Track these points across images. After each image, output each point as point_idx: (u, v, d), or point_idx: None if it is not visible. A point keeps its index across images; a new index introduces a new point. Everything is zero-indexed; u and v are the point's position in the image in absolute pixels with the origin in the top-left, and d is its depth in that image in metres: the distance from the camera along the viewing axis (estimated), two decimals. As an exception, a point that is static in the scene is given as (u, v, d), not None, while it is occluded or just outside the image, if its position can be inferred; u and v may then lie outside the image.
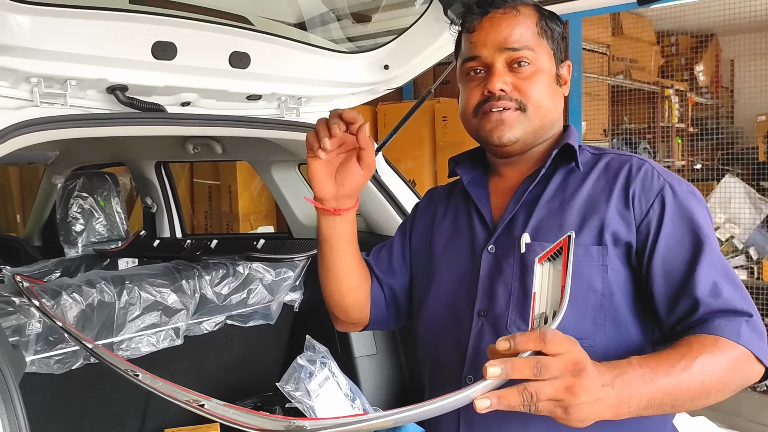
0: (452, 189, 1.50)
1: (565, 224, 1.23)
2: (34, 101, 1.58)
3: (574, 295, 1.07)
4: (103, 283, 2.09)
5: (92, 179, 3.10)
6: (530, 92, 1.27)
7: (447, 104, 4.81)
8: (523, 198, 1.30)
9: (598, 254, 1.20)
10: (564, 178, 1.32)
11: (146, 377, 1.46)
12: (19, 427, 1.17)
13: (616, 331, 1.19)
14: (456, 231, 1.40)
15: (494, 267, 1.28)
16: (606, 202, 1.24)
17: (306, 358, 2.35)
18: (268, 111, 2.17)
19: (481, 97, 1.29)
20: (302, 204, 2.82)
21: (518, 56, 1.27)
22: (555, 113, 1.34)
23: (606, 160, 1.31)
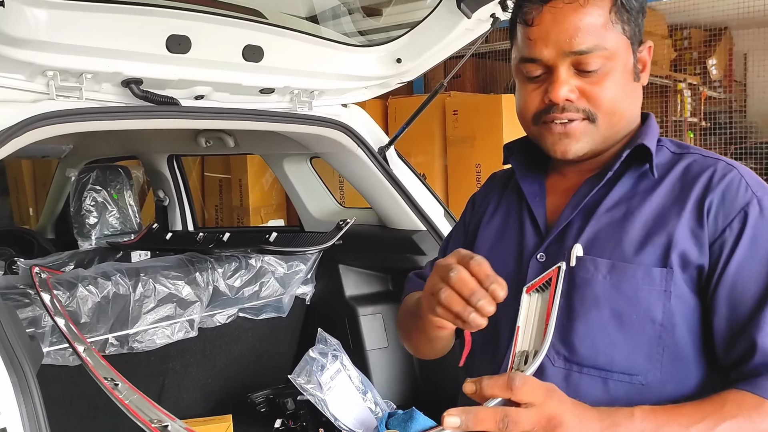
0: (509, 179, 1.29)
1: (626, 239, 1.03)
2: (50, 94, 1.59)
3: (629, 323, 0.98)
4: (119, 276, 2.11)
5: (105, 172, 3.13)
6: (601, 100, 1.05)
7: (458, 98, 4.80)
8: (582, 203, 1.10)
9: (662, 278, 1.00)
10: (634, 182, 1.10)
11: (125, 387, 1.46)
12: (36, 417, 1.18)
13: (675, 368, 1.01)
14: (504, 232, 1.21)
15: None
16: (678, 216, 1.02)
17: (318, 351, 2.37)
18: (280, 104, 2.18)
19: (541, 105, 1.08)
20: (314, 197, 2.83)
21: (587, 60, 1.03)
22: (631, 114, 1.12)
23: (686, 162, 1.09)
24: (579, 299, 1.03)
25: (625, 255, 1.02)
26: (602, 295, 1.01)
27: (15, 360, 1.22)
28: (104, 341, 2.11)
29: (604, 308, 1.01)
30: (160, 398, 2.35)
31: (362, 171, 2.40)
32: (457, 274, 0.91)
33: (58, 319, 1.73)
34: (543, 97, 1.08)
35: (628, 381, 1.00)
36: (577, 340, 1.01)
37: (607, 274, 1.02)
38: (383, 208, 2.48)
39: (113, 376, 1.51)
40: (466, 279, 0.90)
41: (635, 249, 1.02)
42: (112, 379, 1.49)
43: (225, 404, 2.51)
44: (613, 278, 1.01)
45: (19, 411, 1.18)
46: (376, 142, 2.42)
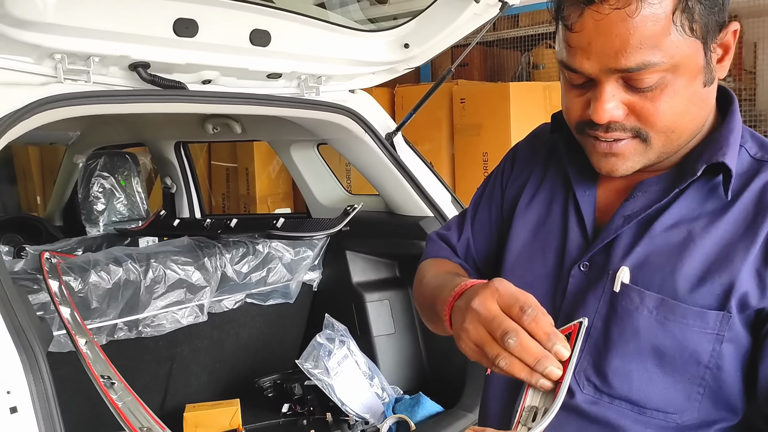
0: (555, 150, 1.09)
1: (681, 272, 0.88)
2: (58, 77, 1.59)
3: (670, 362, 0.89)
4: (130, 262, 2.12)
5: (113, 159, 3.14)
6: (656, 119, 0.87)
7: (465, 86, 4.77)
8: (637, 218, 0.94)
9: (716, 321, 0.87)
10: (701, 199, 0.92)
11: (121, 387, 1.43)
12: (46, 396, 1.19)
13: (713, 410, 0.91)
14: (545, 224, 1.05)
15: (582, 290, 0.97)
16: (745, 252, 0.86)
17: (325, 337, 2.37)
18: (288, 90, 2.17)
19: (584, 116, 0.91)
20: (321, 184, 2.83)
21: (639, 77, 0.84)
22: (697, 124, 0.92)
23: (766, 178, 0.90)
24: (618, 330, 0.91)
25: (678, 291, 0.88)
26: (645, 330, 0.90)
27: (25, 340, 1.23)
28: (113, 326, 2.12)
29: (645, 344, 0.90)
30: (168, 383, 2.37)
31: (369, 157, 2.40)
32: (516, 342, 0.78)
33: (63, 308, 1.72)
34: (586, 110, 0.90)
35: (663, 419, 0.90)
36: (611, 371, 0.91)
37: (653, 309, 0.89)
38: (390, 194, 2.48)
39: (110, 374, 1.49)
40: (527, 346, 0.78)
41: (691, 286, 0.88)
42: (109, 378, 1.46)
43: (233, 389, 2.52)
44: (660, 315, 0.89)
45: (29, 390, 1.19)
46: (384, 128, 2.41)
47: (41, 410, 1.19)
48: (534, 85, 4.75)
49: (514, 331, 0.78)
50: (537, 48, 5.60)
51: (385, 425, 2.23)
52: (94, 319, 2.03)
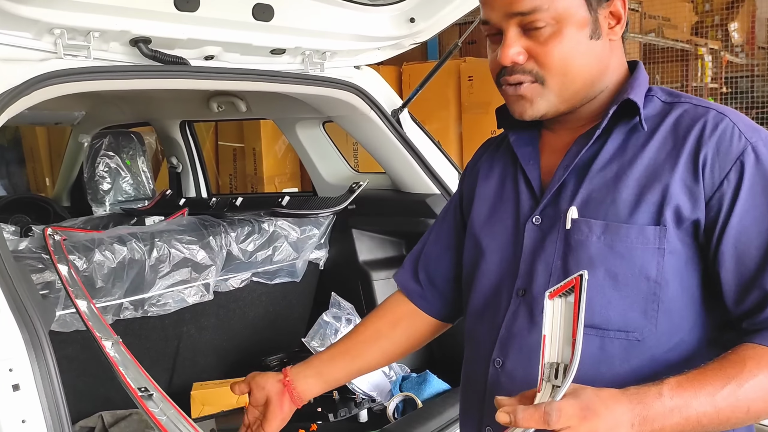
0: (503, 140, 1.26)
1: (619, 199, 1.02)
2: (58, 53, 1.57)
3: (624, 282, 0.99)
4: (134, 241, 2.11)
5: (118, 138, 3.12)
6: (548, 60, 1.03)
7: (473, 64, 4.72)
8: (573, 162, 1.07)
9: (655, 236, 0.99)
10: (624, 138, 1.07)
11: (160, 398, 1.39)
12: (49, 374, 1.19)
13: (669, 323, 1.02)
14: (501, 196, 1.19)
15: (538, 241, 1.09)
16: (671, 171, 1.00)
17: (332, 315, 2.37)
18: (292, 66, 2.14)
19: (497, 67, 1.07)
20: (327, 162, 2.80)
21: (530, 20, 1.01)
22: (592, 72, 1.07)
23: (677, 113, 1.05)
24: (574, 261, 1.03)
25: (619, 215, 1.01)
26: (597, 256, 1.02)
27: (27, 317, 1.22)
28: (119, 306, 2.12)
29: (599, 268, 1.01)
30: (176, 361, 2.37)
31: (375, 134, 2.37)
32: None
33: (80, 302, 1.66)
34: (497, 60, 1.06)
35: (625, 338, 1.02)
36: None
37: (601, 234, 1.02)
38: (397, 172, 2.45)
39: (147, 384, 1.43)
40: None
41: (629, 209, 1.01)
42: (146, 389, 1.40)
43: (240, 368, 2.52)
44: (607, 239, 1.01)
45: (32, 368, 1.18)
46: (390, 105, 2.38)
47: (44, 388, 1.19)
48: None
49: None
50: (546, 24, 5.52)
51: (392, 403, 2.23)
52: (99, 299, 2.03)
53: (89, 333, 1.56)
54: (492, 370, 1.12)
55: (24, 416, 1.17)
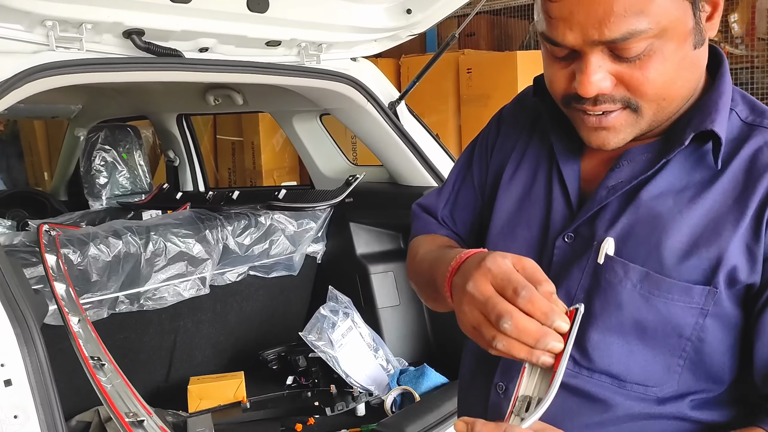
0: (539, 117, 1.04)
1: (666, 244, 0.85)
2: (50, 45, 1.55)
3: (652, 335, 0.86)
4: (129, 235, 2.10)
5: (114, 132, 3.11)
6: (645, 88, 0.82)
7: (471, 56, 4.69)
8: (623, 188, 0.89)
9: (701, 296, 0.83)
10: (689, 167, 0.87)
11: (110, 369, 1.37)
12: (41, 368, 1.18)
13: (692, 379, 0.89)
14: (529, 195, 1.01)
15: (566, 262, 0.93)
16: (734, 225, 0.83)
17: (329, 309, 2.36)
18: (287, 58, 2.12)
19: (569, 89, 0.86)
20: (324, 155, 2.79)
21: (625, 47, 0.79)
22: (689, 89, 0.87)
23: (757, 143, 0.86)
24: (600, 303, 0.88)
25: (663, 265, 0.85)
26: (628, 303, 0.87)
27: (19, 312, 1.21)
28: (115, 299, 2.11)
29: (628, 317, 0.87)
30: (172, 356, 2.36)
31: (372, 127, 2.35)
32: (512, 325, 0.74)
33: (58, 284, 1.67)
34: (571, 83, 0.85)
35: (643, 392, 0.88)
36: (591, 345, 0.89)
37: (637, 282, 0.86)
38: (394, 165, 2.44)
39: (101, 355, 1.43)
40: (524, 327, 0.74)
41: (677, 260, 0.84)
42: (99, 359, 1.40)
43: (237, 361, 2.52)
44: (644, 289, 0.85)
45: (23, 362, 1.17)
46: (387, 97, 2.37)
47: (36, 383, 1.18)
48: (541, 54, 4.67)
49: (508, 313, 0.75)
50: (545, 16, 5.49)
51: (390, 397, 2.22)
52: (95, 293, 2.02)
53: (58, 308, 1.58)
54: (494, 395, 0.98)
55: (16, 411, 1.16)
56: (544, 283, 0.77)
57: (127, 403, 1.29)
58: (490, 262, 0.78)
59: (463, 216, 1.13)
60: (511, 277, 0.76)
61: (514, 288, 0.75)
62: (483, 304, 0.76)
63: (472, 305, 0.78)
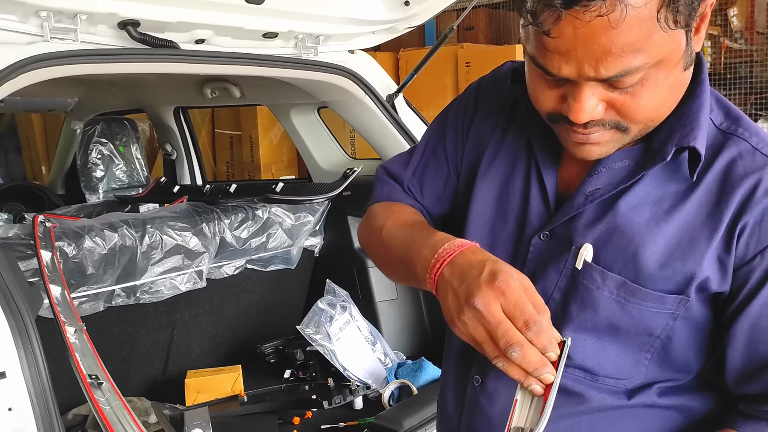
0: (514, 109, 1.03)
1: (642, 256, 0.87)
2: (45, 36, 1.54)
3: (624, 334, 0.90)
4: (125, 228, 2.09)
5: (111, 125, 3.10)
6: (637, 113, 0.82)
7: (470, 50, 4.68)
8: (599, 196, 0.90)
9: (674, 303, 0.87)
10: (665, 177, 0.89)
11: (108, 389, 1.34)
12: (36, 361, 1.17)
13: (657, 371, 0.93)
14: (506, 189, 1.00)
15: (542, 261, 0.95)
16: (707, 240, 0.85)
17: (326, 302, 2.35)
18: (285, 50, 2.11)
19: (557, 108, 0.85)
20: (322, 148, 2.78)
21: (620, 82, 0.79)
22: (673, 106, 0.88)
23: (731, 154, 0.87)
24: (577, 306, 0.91)
25: (639, 275, 0.87)
26: (604, 308, 0.89)
27: (13, 304, 1.20)
28: (111, 292, 2.10)
29: (603, 320, 0.90)
30: (170, 349, 2.36)
31: (370, 119, 2.34)
32: (521, 355, 0.77)
33: (53, 287, 1.62)
34: (561, 105, 0.84)
35: (614, 385, 0.93)
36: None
37: (614, 290, 0.88)
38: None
39: (99, 373, 1.39)
40: (529, 357, 0.77)
41: (652, 271, 0.86)
42: (97, 377, 1.37)
43: (234, 355, 2.51)
44: (620, 296, 0.88)
45: (18, 355, 1.16)
46: (385, 90, 2.36)
47: (30, 376, 1.17)
48: (541, 48, 4.65)
49: (519, 345, 0.77)
50: (544, 10, 5.48)
51: (388, 390, 2.22)
52: (90, 285, 2.01)
53: (55, 318, 1.54)
54: (470, 390, 0.99)
55: (10, 404, 1.16)
56: (543, 311, 0.79)
57: (125, 426, 1.25)
58: (504, 283, 0.78)
59: (430, 187, 1.10)
60: (523, 309, 0.78)
61: (525, 321, 0.77)
62: (493, 327, 0.77)
63: (477, 321, 0.79)
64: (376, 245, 1.07)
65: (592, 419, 0.93)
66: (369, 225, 1.10)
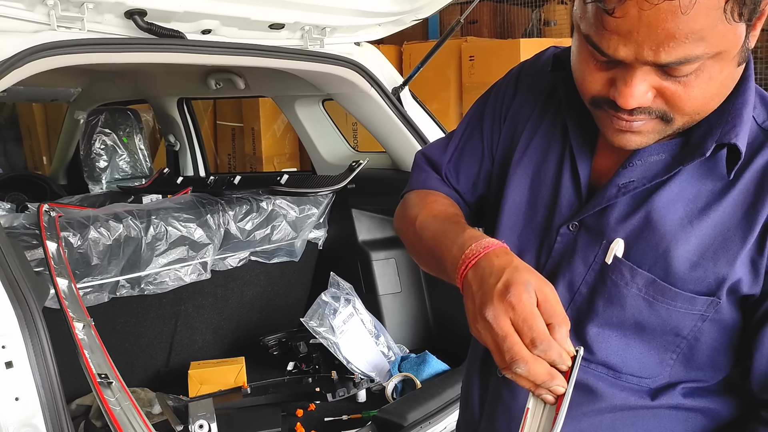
0: (555, 90, 1.00)
1: (674, 254, 0.85)
2: (51, 25, 1.53)
3: (650, 333, 0.89)
4: (130, 219, 2.08)
5: (114, 115, 3.09)
6: (686, 104, 0.80)
7: (474, 43, 4.66)
8: (633, 188, 0.88)
9: (704, 305, 0.85)
10: (701, 174, 0.86)
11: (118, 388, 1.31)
12: (42, 350, 1.17)
13: (682, 371, 0.91)
14: (539, 175, 0.99)
15: (569, 252, 0.93)
16: (742, 241, 0.83)
17: (330, 295, 2.35)
18: (291, 41, 2.10)
19: (604, 93, 0.83)
20: (326, 141, 2.77)
21: (677, 70, 0.77)
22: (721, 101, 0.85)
23: None
24: (603, 302, 0.89)
25: (669, 273, 0.85)
26: (630, 305, 0.88)
27: (20, 294, 1.19)
28: (116, 283, 2.10)
29: (629, 317, 0.89)
30: (173, 340, 2.35)
31: (375, 112, 2.33)
32: (526, 370, 0.77)
33: (60, 280, 1.61)
34: (608, 89, 0.82)
35: (636, 383, 0.91)
36: (590, 337, 0.91)
37: (643, 287, 0.86)
38: (397, 151, 2.42)
39: (108, 371, 1.36)
40: (534, 372, 0.77)
41: (684, 270, 0.85)
42: (106, 376, 1.34)
43: (238, 347, 2.51)
44: (649, 294, 0.86)
45: (25, 345, 1.16)
46: (390, 83, 2.35)
47: (37, 365, 1.17)
48: (545, 42, 4.64)
49: (523, 360, 0.76)
50: (548, 4, 5.46)
51: (391, 383, 2.22)
52: (95, 276, 2.01)
53: (63, 314, 1.52)
54: (493, 382, 1.00)
55: (17, 393, 1.15)
56: (562, 323, 0.78)
57: (135, 428, 1.24)
58: (515, 297, 0.77)
59: (466, 172, 1.10)
60: (532, 325, 0.76)
61: (532, 339, 0.76)
62: (501, 339, 0.77)
63: (488, 332, 0.79)
64: (410, 235, 1.06)
65: (614, 418, 0.92)
66: (404, 214, 1.10)
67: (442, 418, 1.99)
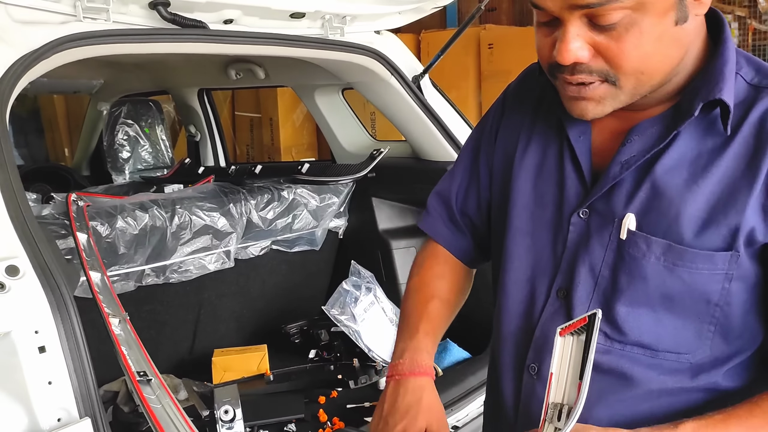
0: (544, 92, 1.03)
1: (685, 215, 0.86)
2: (77, 16, 1.55)
3: (680, 304, 0.88)
4: (155, 208, 2.11)
5: (137, 106, 3.11)
6: (623, 60, 0.82)
7: (493, 31, 4.63)
8: (635, 162, 0.90)
9: (725, 262, 0.85)
10: (699, 136, 0.88)
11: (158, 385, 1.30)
12: (74, 335, 1.19)
13: (723, 344, 0.90)
14: (542, 172, 1.01)
15: (583, 238, 0.94)
16: (749, 188, 0.84)
17: (351, 283, 2.36)
18: (311, 30, 2.11)
19: (551, 58, 0.86)
20: (346, 130, 2.78)
21: (602, 12, 0.79)
22: (674, 62, 0.86)
23: (764, 107, 0.86)
24: (626, 277, 0.90)
25: (684, 235, 0.86)
26: (653, 275, 0.88)
27: (51, 280, 1.21)
28: (141, 272, 2.13)
29: (654, 289, 0.89)
30: (197, 328, 2.38)
31: (396, 100, 2.34)
32: None
33: (93, 273, 1.60)
34: (552, 50, 0.85)
35: (675, 360, 0.90)
36: (621, 318, 0.91)
37: (661, 255, 0.87)
38: (417, 139, 2.42)
39: (147, 369, 1.33)
40: None
41: (697, 229, 0.86)
42: (145, 373, 1.32)
43: (259, 335, 2.54)
44: (668, 261, 0.87)
45: (57, 330, 1.18)
46: (410, 71, 2.34)
47: (69, 349, 1.19)
48: (564, 29, 4.59)
49: None
50: (568, -9, 5.41)
51: (412, 371, 2.23)
52: (122, 265, 2.04)
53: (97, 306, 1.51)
54: (526, 377, 0.99)
55: (50, 378, 1.17)
56: None
57: (177, 427, 1.21)
58: None
59: (471, 198, 1.16)
60: None
61: None
62: None
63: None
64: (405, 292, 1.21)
65: (651, 404, 0.92)
66: (413, 263, 1.24)
67: (464, 405, 2.00)
